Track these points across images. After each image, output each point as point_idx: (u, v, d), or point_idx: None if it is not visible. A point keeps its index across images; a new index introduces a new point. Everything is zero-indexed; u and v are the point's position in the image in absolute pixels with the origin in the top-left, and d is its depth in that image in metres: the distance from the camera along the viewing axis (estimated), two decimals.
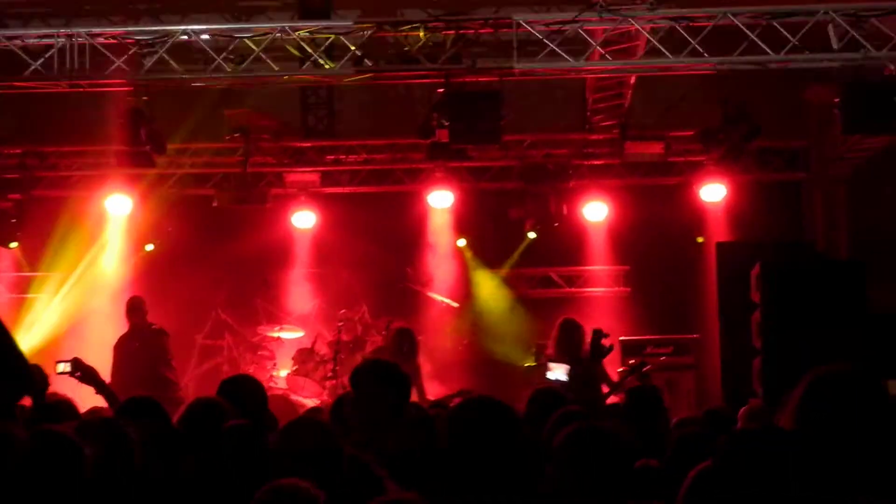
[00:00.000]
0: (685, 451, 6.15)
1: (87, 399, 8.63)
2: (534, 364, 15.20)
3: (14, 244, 18.29)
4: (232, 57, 14.15)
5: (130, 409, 6.66)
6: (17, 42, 14.26)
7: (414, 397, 9.16)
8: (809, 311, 13.09)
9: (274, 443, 5.79)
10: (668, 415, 7.36)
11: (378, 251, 18.24)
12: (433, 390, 15.58)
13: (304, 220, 18.71)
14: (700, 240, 17.88)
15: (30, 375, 2.79)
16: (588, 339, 11.87)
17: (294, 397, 15.96)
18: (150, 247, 18.72)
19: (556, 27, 13.81)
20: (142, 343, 15.21)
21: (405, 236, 18.50)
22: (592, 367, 11.74)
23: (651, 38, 13.63)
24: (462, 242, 18.70)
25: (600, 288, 18.92)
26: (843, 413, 3.90)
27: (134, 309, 15.48)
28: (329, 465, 5.35)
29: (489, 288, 18.85)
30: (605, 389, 12.12)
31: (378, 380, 6.68)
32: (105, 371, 10.81)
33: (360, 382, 6.70)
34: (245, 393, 7.39)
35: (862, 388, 4.00)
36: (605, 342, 10.02)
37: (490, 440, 4.97)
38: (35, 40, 14.27)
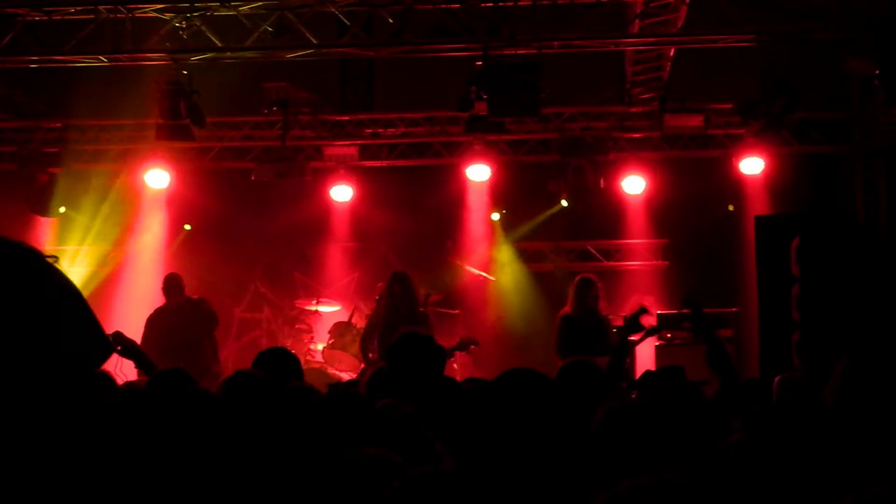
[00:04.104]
0: (721, 422, 6.13)
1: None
2: None
3: (59, 211, 18.38)
4: (271, 30, 14.17)
5: (161, 382, 6.67)
6: (58, 16, 14.33)
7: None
8: (849, 285, 13.02)
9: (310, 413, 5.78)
10: (699, 388, 7.31)
11: (416, 224, 18.28)
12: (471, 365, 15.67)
13: (342, 193, 18.73)
14: (731, 208, 17.86)
15: (107, 339, 2.80)
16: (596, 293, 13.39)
17: (331, 371, 15.99)
18: (188, 227, 18.82)
19: None
20: (179, 319, 15.10)
21: (443, 209, 18.52)
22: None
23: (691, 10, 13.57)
24: (496, 216, 18.73)
25: (638, 261, 18.90)
26: (885, 390, 3.87)
27: (171, 286, 15.41)
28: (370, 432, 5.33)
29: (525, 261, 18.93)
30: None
31: (411, 353, 6.66)
32: None
33: (393, 356, 6.69)
34: (281, 365, 7.41)
35: None
36: (645, 320, 9.99)
37: (529, 411, 4.96)
38: (75, 14, 14.34)
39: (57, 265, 2.56)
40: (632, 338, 10.84)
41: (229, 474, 5.09)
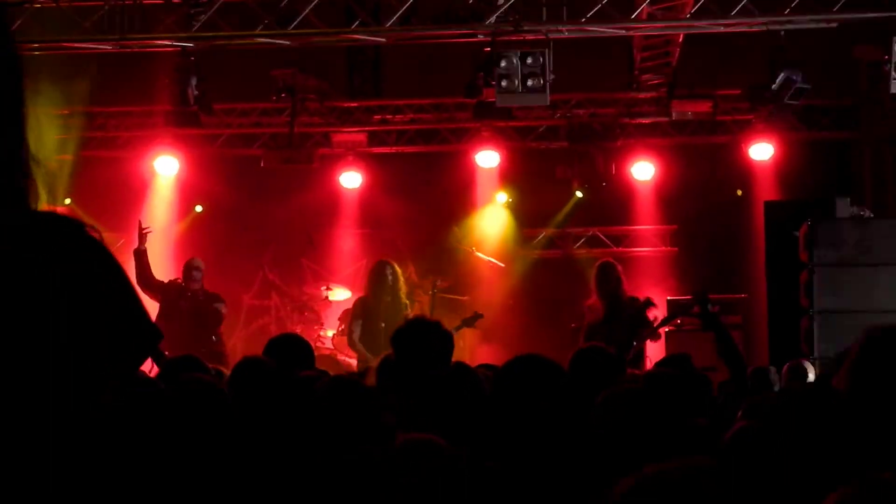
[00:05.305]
0: (730, 409, 6.14)
1: None
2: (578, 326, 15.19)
3: (66, 201, 18.35)
4: (279, 16, 14.16)
5: (173, 370, 6.67)
6: (65, 2, 14.32)
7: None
8: (858, 270, 13.02)
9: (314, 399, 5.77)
10: (705, 375, 7.33)
11: (425, 211, 18.28)
12: (482, 352, 15.67)
13: (351, 179, 18.74)
14: (739, 192, 17.86)
15: (156, 330, 2.75)
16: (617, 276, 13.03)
17: (341, 357, 16.01)
18: (199, 208, 18.83)
19: None
20: (190, 304, 15.01)
21: (452, 196, 18.52)
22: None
23: None
24: (503, 198, 18.72)
25: (648, 247, 18.89)
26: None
27: (191, 270, 15.27)
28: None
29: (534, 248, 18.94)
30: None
31: (417, 338, 6.64)
32: None
33: (400, 341, 6.68)
34: (292, 352, 7.40)
35: None
36: (650, 313, 10.01)
37: (536, 397, 4.97)
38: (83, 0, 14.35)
39: (101, 239, 2.47)
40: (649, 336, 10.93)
41: (234, 467, 5.10)
